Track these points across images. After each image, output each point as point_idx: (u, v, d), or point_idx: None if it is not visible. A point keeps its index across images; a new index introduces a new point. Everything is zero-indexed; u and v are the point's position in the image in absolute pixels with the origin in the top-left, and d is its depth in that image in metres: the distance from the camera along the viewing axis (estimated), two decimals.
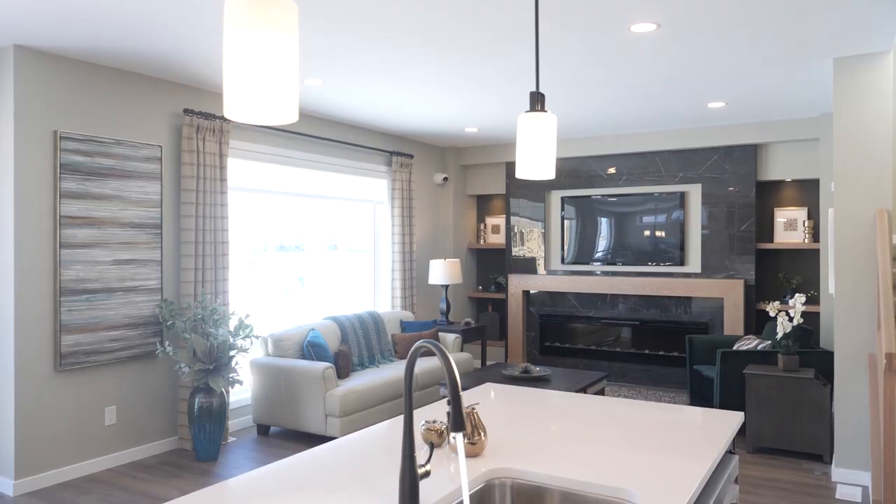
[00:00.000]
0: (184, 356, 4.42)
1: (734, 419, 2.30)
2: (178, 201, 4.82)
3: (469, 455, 1.92)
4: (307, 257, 6.09)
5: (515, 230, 7.62)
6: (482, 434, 1.93)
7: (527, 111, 2.13)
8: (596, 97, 5.25)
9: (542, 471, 1.78)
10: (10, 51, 3.91)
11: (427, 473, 1.60)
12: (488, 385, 2.89)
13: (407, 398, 1.51)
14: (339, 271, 6.47)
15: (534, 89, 4.41)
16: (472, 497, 1.75)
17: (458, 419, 1.36)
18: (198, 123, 4.81)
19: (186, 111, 4.73)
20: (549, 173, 2.17)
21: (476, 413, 1.95)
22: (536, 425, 2.27)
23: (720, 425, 2.25)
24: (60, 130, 4.09)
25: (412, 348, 1.45)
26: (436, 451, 1.96)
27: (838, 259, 4.22)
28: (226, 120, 4.98)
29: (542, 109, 2.13)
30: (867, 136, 4.14)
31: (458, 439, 1.37)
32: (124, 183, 4.43)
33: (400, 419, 2.36)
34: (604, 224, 7.09)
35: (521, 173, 2.17)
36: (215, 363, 4.46)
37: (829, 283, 5.09)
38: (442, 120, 6.18)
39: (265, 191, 5.58)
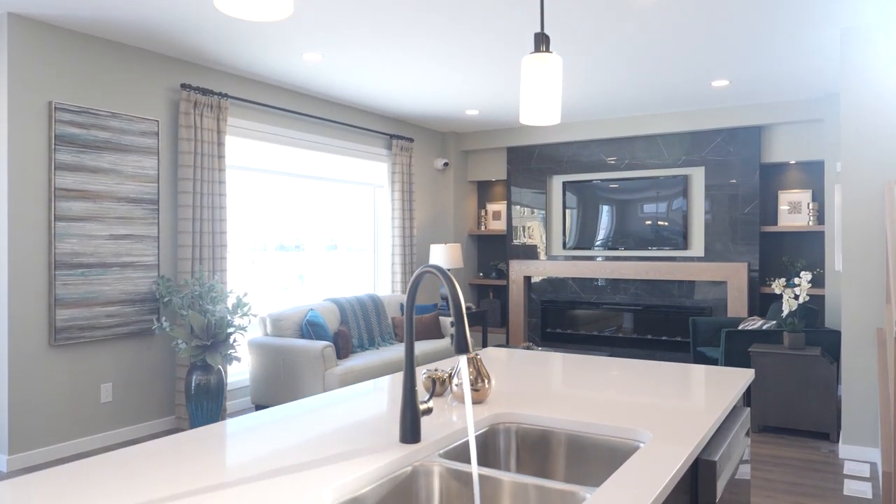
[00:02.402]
0: (181, 333, 4.35)
1: (745, 374, 2.24)
2: (175, 177, 4.75)
3: (473, 402, 1.86)
4: (307, 256, 6.02)
5: (516, 216, 7.55)
6: (486, 381, 1.87)
7: (531, 52, 2.07)
8: (598, 76, 5.18)
9: (547, 415, 1.71)
10: (3, 18, 3.85)
11: (429, 410, 1.54)
12: (491, 348, 2.82)
13: (408, 326, 1.45)
14: (338, 270, 6.40)
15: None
16: (475, 440, 1.68)
17: (462, 340, 1.30)
18: (195, 99, 4.74)
19: (184, 86, 4.67)
20: (554, 118, 2.10)
21: (480, 360, 1.88)
22: (541, 379, 2.20)
23: (730, 379, 2.18)
24: (55, 101, 4.03)
25: (414, 274, 1.39)
26: (437, 401, 1.89)
27: (846, 234, 4.15)
28: (224, 96, 4.92)
29: (547, 50, 2.06)
30: (875, 107, 4.08)
31: (462, 363, 1.31)
32: (120, 157, 4.36)
33: (400, 375, 2.30)
34: (606, 209, 7.02)
35: (526, 118, 2.11)
36: (213, 339, 4.40)
37: (836, 260, 5.02)
38: (443, 102, 6.12)
39: (264, 170, 5.52)
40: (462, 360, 1.31)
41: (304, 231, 6.01)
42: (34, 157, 3.95)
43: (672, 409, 1.79)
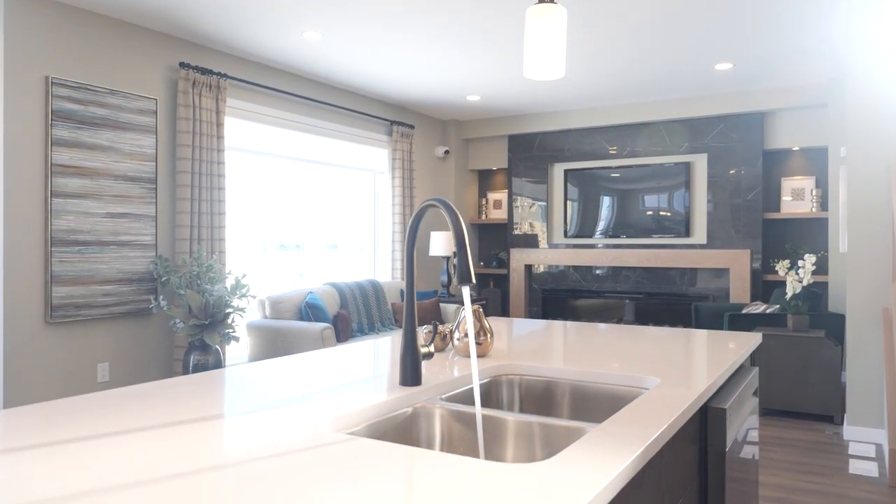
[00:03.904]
0: (178, 312, 4.30)
1: (752, 337, 2.20)
2: (173, 157, 4.70)
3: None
4: (307, 255, 5.96)
5: (517, 204, 7.50)
6: (489, 336, 1.83)
7: (535, 3, 2.02)
8: (600, 59, 5.13)
9: (551, 366, 1.67)
10: None
11: (430, 354, 1.50)
12: (492, 317, 2.78)
13: (409, 261, 1.40)
14: (338, 267, 6.35)
15: None
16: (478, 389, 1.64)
17: (465, 271, 1.25)
18: (194, 78, 4.70)
19: (182, 65, 4.62)
20: (558, 72, 2.05)
21: (482, 313, 1.84)
22: (544, 339, 2.16)
23: (738, 339, 2.14)
24: (52, 76, 3.98)
25: (419, 206, 1.34)
26: (439, 356, 1.85)
27: (851, 214, 4.11)
28: (223, 76, 4.87)
29: (552, 1, 2.02)
30: (882, 86, 4.03)
31: (465, 294, 1.26)
32: (118, 134, 4.32)
33: (399, 337, 2.25)
34: (607, 196, 6.97)
35: (529, 72, 2.06)
36: (211, 319, 4.35)
37: (841, 242, 4.98)
38: (443, 86, 6.07)
39: (264, 153, 5.47)
40: (465, 292, 1.26)
41: (305, 229, 5.94)
42: (31, 131, 3.91)
43: (680, 361, 1.74)
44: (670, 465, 1.27)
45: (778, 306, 5.09)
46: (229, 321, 4.48)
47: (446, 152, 7.55)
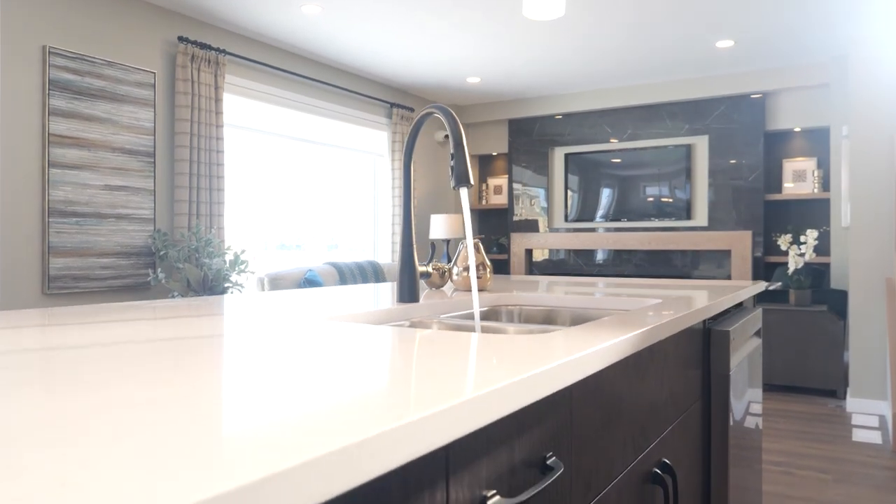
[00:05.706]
0: (177, 285, 4.28)
1: (756, 283, 2.17)
2: (171, 131, 4.68)
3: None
4: (308, 255, 5.93)
5: (517, 189, 7.48)
6: (487, 270, 1.80)
7: None
8: (600, 38, 5.10)
9: (553, 296, 1.64)
10: None
11: (427, 273, 1.47)
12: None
13: (406, 172, 1.38)
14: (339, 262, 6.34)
15: None
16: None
17: (463, 173, 1.23)
18: (192, 52, 4.68)
19: (181, 39, 4.60)
20: (557, 10, 2.03)
21: (480, 245, 1.81)
22: (547, 282, 2.14)
23: (740, 284, 2.11)
24: (50, 45, 3.96)
25: (418, 114, 1.32)
26: (437, 292, 1.82)
27: (854, 187, 4.09)
28: (222, 52, 4.85)
29: None
30: (887, 60, 4.01)
31: (463, 196, 1.24)
32: (116, 107, 4.29)
33: None
34: (608, 180, 6.95)
35: (529, 11, 2.04)
36: (209, 292, 4.33)
37: (843, 215, 4.95)
38: (444, 67, 6.04)
39: (263, 131, 5.44)
40: (462, 194, 1.24)
41: (305, 229, 5.88)
42: (27, 100, 3.88)
43: (683, 293, 1.72)
44: (674, 376, 1.24)
45: (780, 283, 5.06)
46: (228, 294, 4.45)
47: (446, 137, 7.53)
